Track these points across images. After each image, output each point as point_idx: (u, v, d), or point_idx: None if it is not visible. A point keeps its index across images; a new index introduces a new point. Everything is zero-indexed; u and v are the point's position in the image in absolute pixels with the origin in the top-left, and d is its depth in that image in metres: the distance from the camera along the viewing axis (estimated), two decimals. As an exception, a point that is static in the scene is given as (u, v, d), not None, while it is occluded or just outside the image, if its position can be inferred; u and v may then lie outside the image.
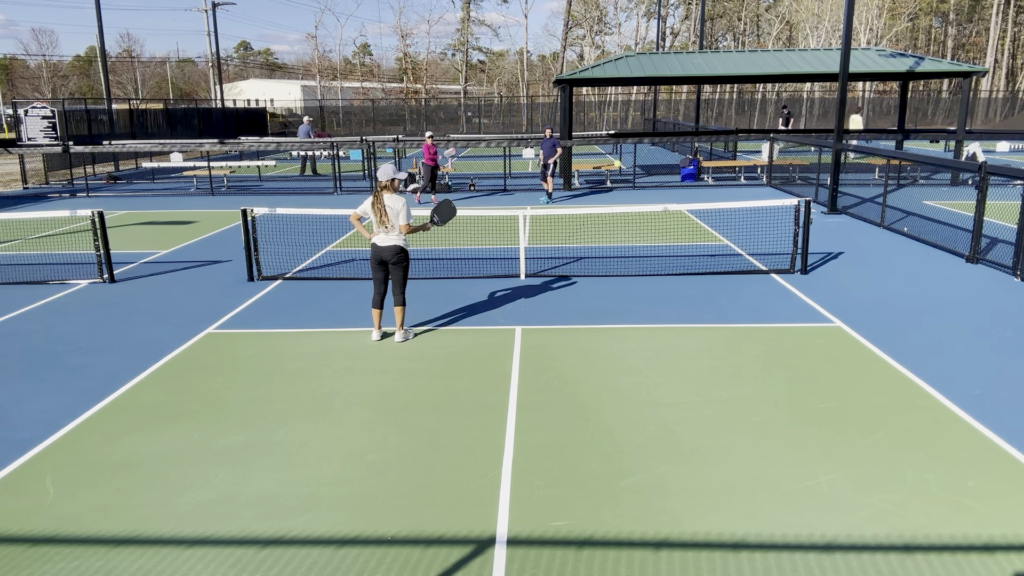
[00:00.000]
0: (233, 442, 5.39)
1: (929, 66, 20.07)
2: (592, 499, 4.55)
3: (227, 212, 16.76)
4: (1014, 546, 4.02)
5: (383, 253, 7.38)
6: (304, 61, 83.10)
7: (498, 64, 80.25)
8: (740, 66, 20.41)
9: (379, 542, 4.16)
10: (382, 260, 7.41)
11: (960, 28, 68.80)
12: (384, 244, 7.37)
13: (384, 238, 7.36)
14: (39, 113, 23.08)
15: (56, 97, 63.37)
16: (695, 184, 20.72)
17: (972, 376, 6.38)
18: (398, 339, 7.55)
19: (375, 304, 7.58)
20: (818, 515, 4.33)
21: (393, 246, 7.35)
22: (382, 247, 7.37)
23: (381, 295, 7.55)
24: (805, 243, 9.91)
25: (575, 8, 65.25)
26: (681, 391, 6.17)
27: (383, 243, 7.37)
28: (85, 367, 6.97)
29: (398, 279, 7.47)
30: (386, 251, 7.36)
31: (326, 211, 10.54)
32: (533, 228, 13.94)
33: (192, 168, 24.84)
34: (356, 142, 24.29)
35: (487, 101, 55.52)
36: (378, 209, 7.33)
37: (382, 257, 7.39)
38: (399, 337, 7.55)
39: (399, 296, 7.51)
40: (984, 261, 10.55)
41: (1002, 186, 15.60)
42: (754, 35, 71.80)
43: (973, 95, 47.42)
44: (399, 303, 7.52)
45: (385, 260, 7.39)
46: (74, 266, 11.18)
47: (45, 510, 4.54)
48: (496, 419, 5.69)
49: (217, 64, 46.96)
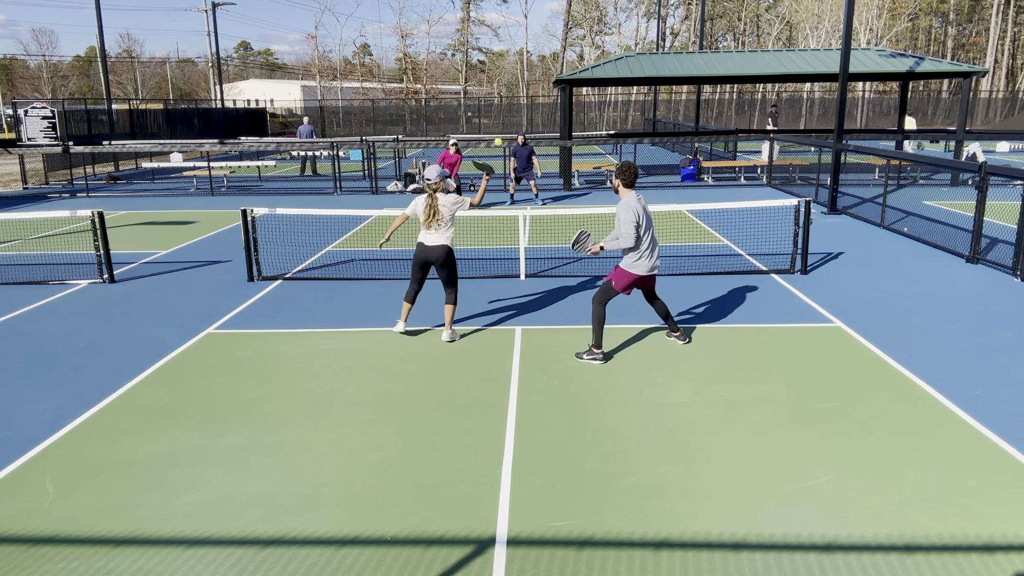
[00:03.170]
0: (233, 442, 5.39)
1: (929, 66, 20.07)
2: (592, 499, 4.55)
3: (227, 212, 16.76)
4: (1014, 546, 4.02)
5: (430, 254, 7.25)
6: (304, 61, 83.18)
7: (498, 64, 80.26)
8: (740, 66, 20.41)
9: (379, 542, 4.16)
10: (428, 261, 7.29)
11: (960, 28, 68.80)
12: (432, 244, 7.23)
13: (433, 237, 7.23)
14: (39, 113, 23.07)
15: (56, 97, 63.38)
16: (695, 184, 20.72)
17: (972, 376, 6.38)
18: (445, 338, 7.43)
19: (408, 298, 7.49)
20: (818, 515, 4.33)
21: (442, 246, 7.22)
22: (430, 247, 7.24)
23: (415, 292, 7.48)
24: (805, 243, 9.91)
25: (575, 8, 65.25)
26: (681, 391, 6.17)
27: (431, 243, 7.24)
28: (85, 367, 6.97)
29: (446, 278, 7.36)
30: (433, 252, 7.23)
31: (326, 211, 10.54)
32: (533, 228, 13.94)
33: (192, 168, 24.83)
34: (356, 142, 24.28)
35: (487, 101, 55.51)
36: (431, 209, 7.18)
37: (428, 258, 7.27)
38: (447, 336, 7.43)
39: (451, 294, 7.40)
40: (984, 261, 10.55)
41: (1002, 186, 15.62)
42: (754, 35, 71.80)
43: (973, 95, 47.43)
44: (450, 301, 7.40)
45: (431, 261, 7.28)
46: (74, 266, 11.18)
47: (45, 510, 4.54)
48: (496, 419, 5.69)
49: (217, 64, 46.96)
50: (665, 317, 7.24)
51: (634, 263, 6.79)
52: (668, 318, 7.24)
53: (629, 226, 6.59)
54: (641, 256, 6.76)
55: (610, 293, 6.90)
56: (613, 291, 6.89)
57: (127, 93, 71.41)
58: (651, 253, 6.79)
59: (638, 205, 6.66)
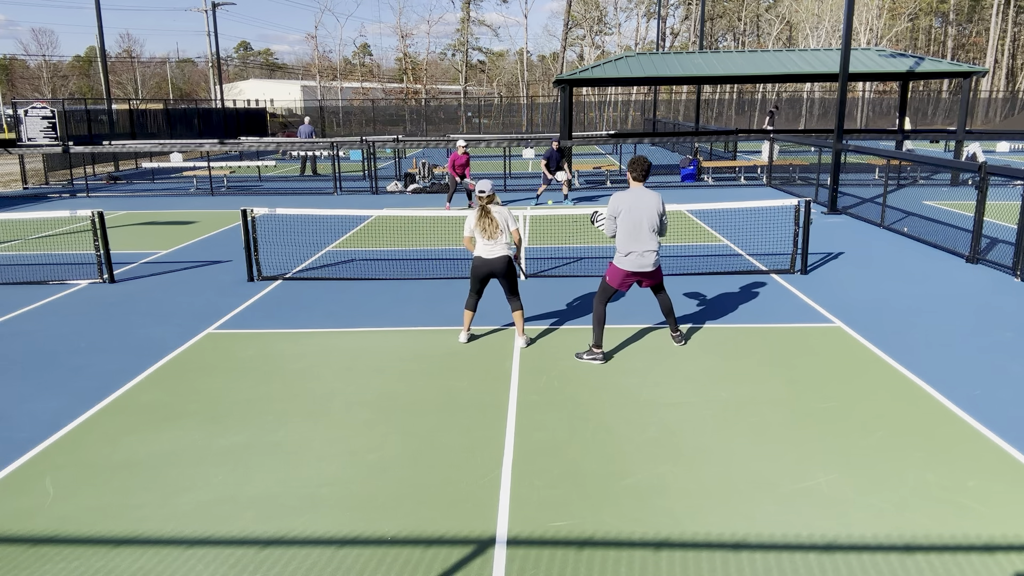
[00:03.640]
0: (233, 442, 5.39)
1: (929, 66, 20.07)
2: (592, 499, 4.55)
3: (227, 212, 16.76)
4: (1014, 546, 4.02)
5: (494, 266, 7.09)
6: (304, 61, 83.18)
7: (498, 64, 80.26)
8: (740, 66, 20.41)
9: (379, 542, 4.16)
10: (491, 273, 7.15)
11: (960, 28, 68.80)
12: (494, 256, 7.09)
13: (492, 250, 7.09)
14: (39, 113, 23.07)
15: (56, 97, 63.39)
16: (695, 184, 20.72)
17: (972, 376, 6.38)
18: (522, 344, 7.28)
19: (469, 307, 7.37)
20: (818, 515, 4.33)
21: (503, 257, 7.10)
22: (492, 259, 7.09)
23: (476, 301, 7.37)
24: (805, 243, 9.91)
25: (575, 8, 65.26)
26: (681, 391, 6.17)
27: (492, 255, 7.09)
28: (85, 367, 6.97)
29: (509, 286, 7.24)
30: (497, 263, 7.09)
31: (326, 211, 10.55)
32: (533, 228, 13.94)
33: (192, 168, 24.83)
34: (356, 142, 24.28)
35: (487, 101, 55.51)
36: (489, 222, 7.05)
37: (492, 270, 7.12)
38: (523, 342, 7.29)
39: (517, 302, 7.28)
40: (984, 261, 10.55)
41: (1002, 186, 15.61)
42: (754, 35, 71.80)
43: (973, 95, 47.43)
44: (518, 307, 7.29)
45: (495, 273, 7.14)
46: (74, 266, 11.18)
47: (45, 510, 4.54)
48: (496, 419, 5.69)
49: (217, 64, 46.95)
50: (667, 314, 7.21)
51: (621, 258, 6.81)
52: (669, 315, 7.21)
53: (607, 214, 6.83)
54: (626, 251, 6.76)
55: (607, 290, 6.92)
56: (608, 287, 6.91)
57: (127, 93, 71.42)
58: (636, 249, 6.72)
59: (628, 198, 6.68)
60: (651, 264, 6.78)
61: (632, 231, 6.70)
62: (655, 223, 6.73)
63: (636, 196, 6.69)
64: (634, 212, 6.68)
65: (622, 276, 6.84)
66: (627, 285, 6.90)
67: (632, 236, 6.71)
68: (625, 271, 6.81)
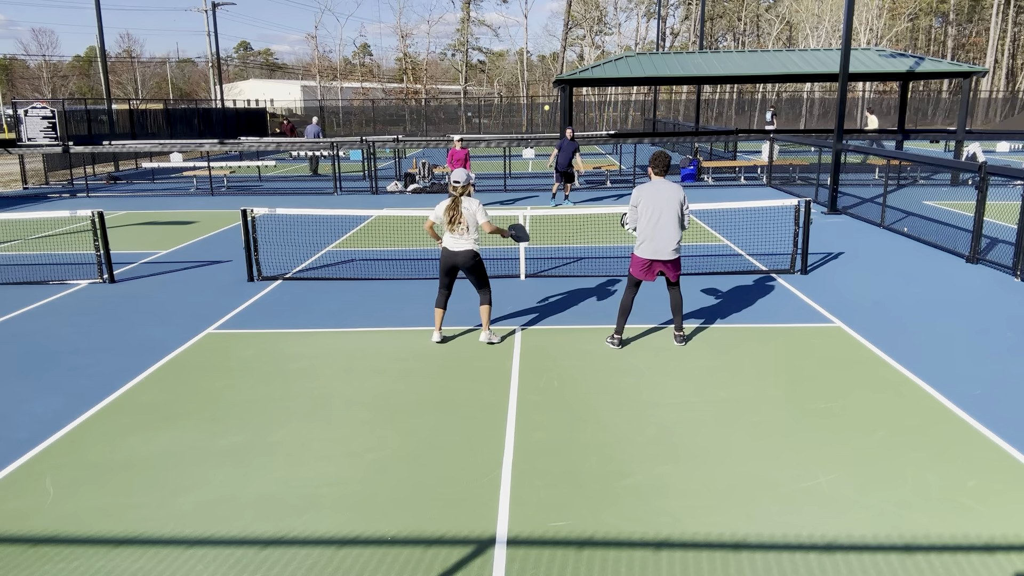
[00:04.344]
0: (233, 442, 5.39)
1: (929, 66, 20.07)
2: (592, 499, 4.55)
3: (227, 212, 16.76)
4: (1014, 546, 4.02)
5: (456, 259, 7.15)
6: (304, 61, 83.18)
7: (498, 64, 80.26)
8: (740, 66, 20.41)
9: (379, 542, 4.16)
10: (454, 266, 7.20)
11: (960, 28, 68.79)
12: (457, 249, 7.13)
13: (457, 242, 7.13)
14: (39, 113, 23.07)
15: (56, 97, 63.39)
16: (695, 184, 20.72)
17: (972, 376, 6.38)
18: (483, 339, 7.38)
19: (439, 304, 7.40)
20: (818, 515, 4.33)
21: (468, 251, 7.13)
22: (456, 252, 7.13)
23: (446, 297, 7.38)
24: (805, 243, 9.91)
25: (575, 8, 65.26)
26: (681, 391, 6.17)
27: (456, 248, 7.13)
28: (85, 367, 6.97)
29: (476, 281, 7.28)
30: (460, 256, 7.13)
31: (326, 211, 10.55)
32: (533, 228, 13.94)
33: (192, 168, 24.83)
34: (356, 142, 24.29)
35: (487, 101, 55.52)
36: (454, 213, 7.06)
37: (455, 263, 7.17)
38: (484, 337, 7.38)
39: (485, 295, 7.32)
40: (984, 261, 10.55)
41: (1002, 186, 15.61)
42: (754, 35, 71.80)
43: (973, 95, 47.44)
44: (485, 302, 7.33)
45: (458, 266, 7.18)
46: (74, 266, 11.18)
47: (45, 510, 4.54)
48: (496, 419, 5.69)
49: (217, 64, 46.95)
50: (675, 311, 7.27)
51: (639, 246, 7.07)
52: (677, 313, 7.26)
53: (629, 205, 7.12)
54: (644, 239, 7.00)
55: (631, 280, 7.20)
56: (632, 277, 7.18)
57: (127, 93, 71.42)
58: (653, 237, 6.94)
59: (648, 189, 6.96)
60: (668, 252, 6.98)
61: (652, 220, 6.94)
62: (676, 213, 6.94)
63: (657, 188, 6.96)
64: (654, 202, 6.91)
65: (641, 264, 7.07)
66: (652, 275, 7.10)
67: (651, 225, 6.95)
68: (644, 259, 7.04)
